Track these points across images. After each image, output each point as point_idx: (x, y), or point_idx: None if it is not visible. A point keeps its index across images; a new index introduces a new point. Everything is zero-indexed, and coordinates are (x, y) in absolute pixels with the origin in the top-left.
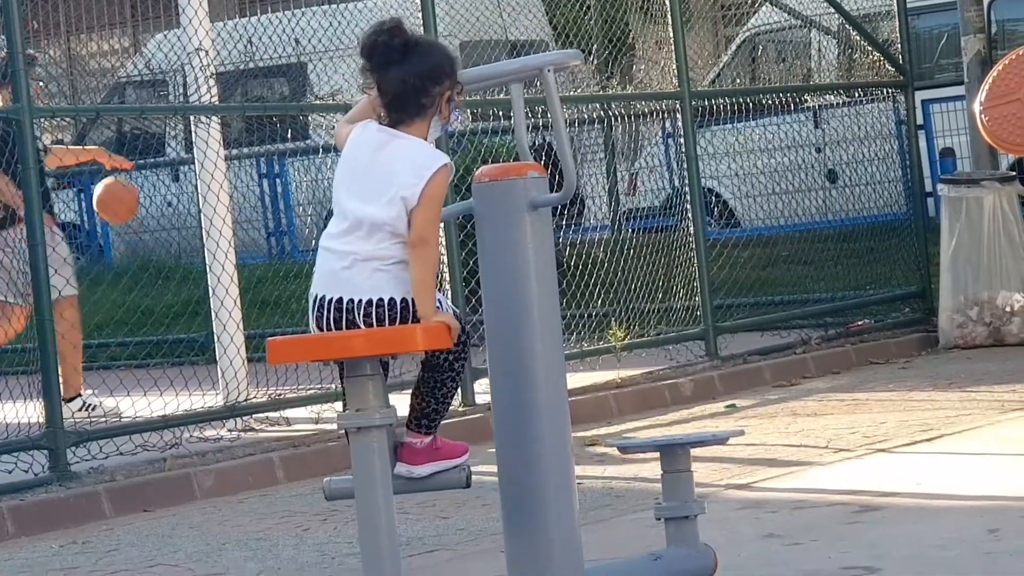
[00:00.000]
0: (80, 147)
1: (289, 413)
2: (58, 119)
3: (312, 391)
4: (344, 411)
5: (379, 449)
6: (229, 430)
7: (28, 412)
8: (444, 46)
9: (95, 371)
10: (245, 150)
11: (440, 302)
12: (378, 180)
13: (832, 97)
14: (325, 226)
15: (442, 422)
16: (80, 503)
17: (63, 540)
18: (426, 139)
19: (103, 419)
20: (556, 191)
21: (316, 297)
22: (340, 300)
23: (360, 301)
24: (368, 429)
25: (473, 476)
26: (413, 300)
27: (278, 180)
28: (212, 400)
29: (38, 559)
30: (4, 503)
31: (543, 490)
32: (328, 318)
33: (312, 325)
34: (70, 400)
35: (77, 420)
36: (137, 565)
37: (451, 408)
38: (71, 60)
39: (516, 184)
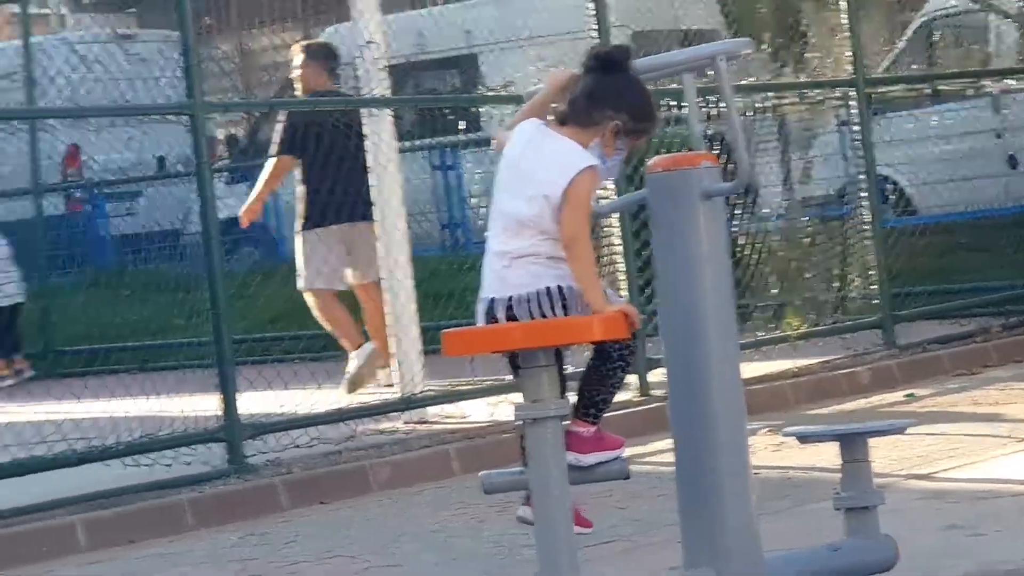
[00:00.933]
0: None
1: (464, 405)
2: (230, 114)
3: (487, 383)
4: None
5: (553, 440)
6: (404, 422)
7: (206, 405)
8: (652, 100)
9: (271, 364)
10: (418, 142)
11: (607, 294)
12: (524, 177)
13: (1012, 82)
14: None
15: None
16: (257, 495)
17: (241, 532)
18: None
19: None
20: (729, 180)
21: (484, 300)
22: (507, 299)
23: (522, 297)
24: (543, 420)
25: (649, 467)
26: (570, 288)
27: (451, 172)
28: (387, 393)
29: (217, 550)
30: (184, 495)
31: (719, 480)
32: (496, 318)
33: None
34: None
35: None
36: (314, 557)
37: (627, 398)
38: (242, 55)
39: (689, 174)
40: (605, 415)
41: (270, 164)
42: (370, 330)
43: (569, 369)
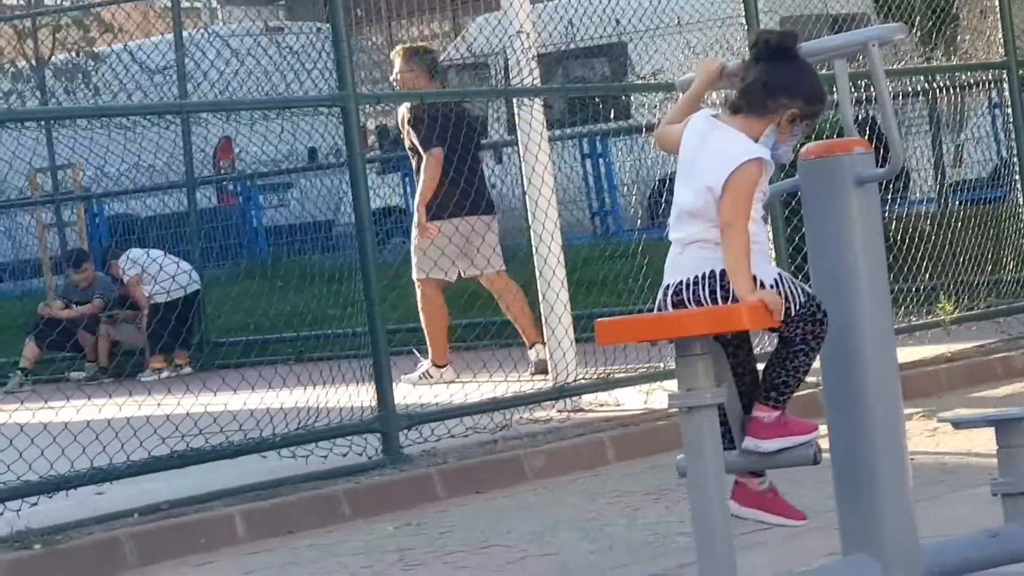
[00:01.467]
0: None
1: (617, 393)
2: (382, 105)
3: (640, 370)
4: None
5: (710, 428)
6: (558, 411)
7: (361, 396)
8: (822, 84)
9: (425, 353)
10: (568, 131)
11: (780, 281)
12: (693, 169)
13: None
14: (648, 205)
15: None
16: (413, 485)
17: (397, 522)
18: (755, 139)
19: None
20: (881, 166)
21: (662, 288)
22: (677, 283)
23: (688, 281)
24: (699, 409)
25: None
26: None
27: (601, 160)
28: (541, 382)
29: (374, 541)
30: (340, 486)
31: (875, 466)
32: (667, 303)
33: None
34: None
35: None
36: (471, 546)
37: None
38: (392, 46)
39: (842, 160)
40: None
41: (432, 160)
42: (512, 315)
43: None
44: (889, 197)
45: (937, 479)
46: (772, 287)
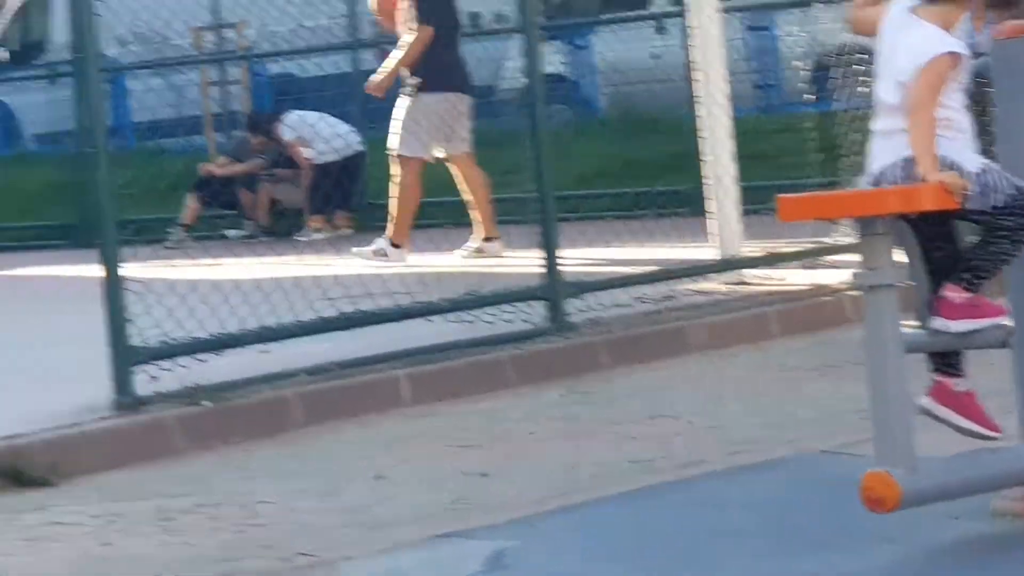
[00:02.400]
0: None
1: (783, 268)
2: None
3: (806, 245)
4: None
5: (889, 309)
6: (723, 283)
7: (526, 262)
8: None
9: (582, 221)
10: (738, 3)
11: (986, 171)
12: (887, 64)
13: None
14: (814, 79)
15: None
16: (578, 353)
17: (562, 390)
18: (950, 29)
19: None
20: None
21: (864, 178)
22: (876, 172)
23: (885, 167)
24: (879, 288)
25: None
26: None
27: (765, 32)
28: (704, 253)
29: (540, 407)
30: (506, 352)
31: None
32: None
33: None
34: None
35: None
36: (636, 417)
37: None
38: None
39: None
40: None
41: (416, 36)
42: (476, 202)
43: None
44: None
45: None
46: (977, 175)
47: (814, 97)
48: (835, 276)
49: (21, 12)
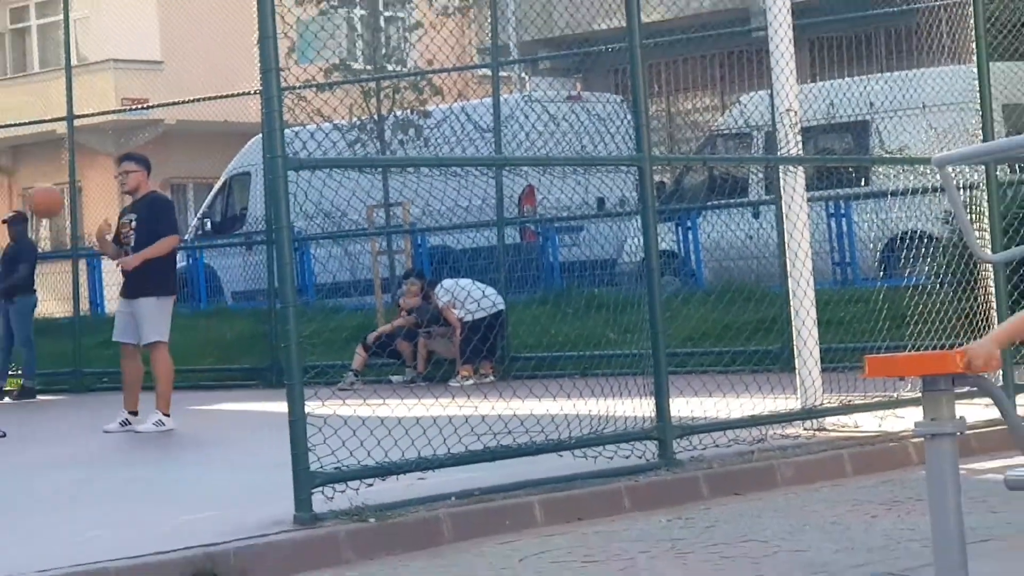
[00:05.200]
0: None
1: (857, 416)
2: (671, 164)
3: (877, 398)
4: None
5: (950, 454)
6: (805, 429)
7: (637, 407)
8: None
9: (689, 374)
10: (818, 193)
11: None
12: None
13: None
14: (882, 259)
15: None
16: (683, 485)
17: (669, 516)
18: None
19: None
20: None
21: None
22: None
23: None
24: (940, 436)
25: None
26: None
27: (843, 219)
28: (790, 403)
29: (649, 531)
30: (622, 483)
31: None
32: None
33: None
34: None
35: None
36: (732, 539)
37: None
38: (670, 115)
39: None
40: None
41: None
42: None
43: None
44: None
45: None
46: None
47: (882, 274)
48: (901, 424)
49: (223, 190)
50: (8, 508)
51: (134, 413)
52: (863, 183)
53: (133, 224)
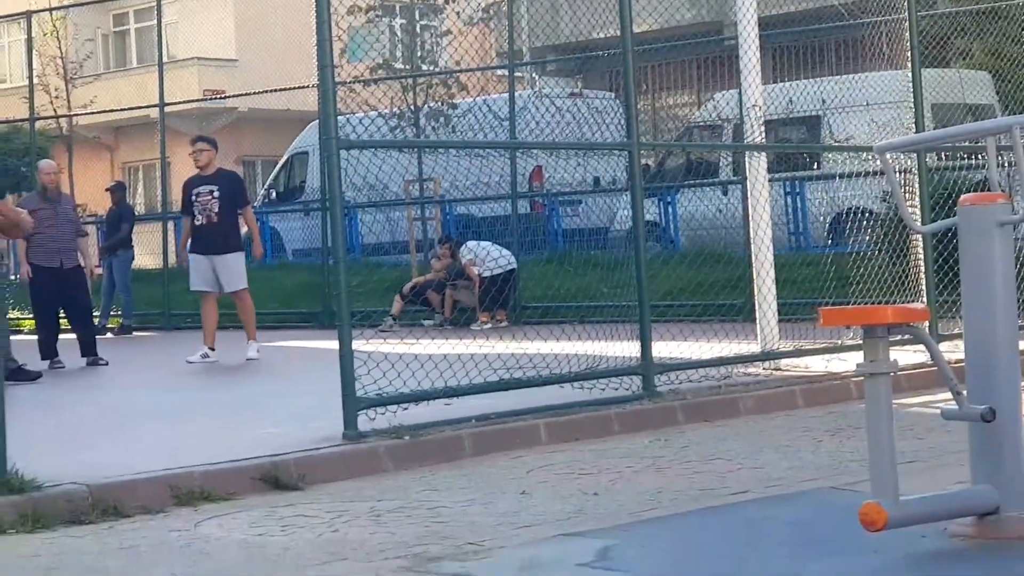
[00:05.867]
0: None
1: (806, 359)
2: (655, 150)
3: (824, 344)
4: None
5: (885, 390)
6: (764, 368)
7: (626, 349)
8: None
9: (667, 323)
10: (777, 175)
11: None
12: None
13: None
14: (828, 232)
15: None
16: (662, 413)
17: (651, 437)
18: None
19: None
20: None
21: None
22: None
23: None
24: (877, 376)
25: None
26: None
27: (798, 196)
28: (751, 347)
29: (634, 449)
30: (612, 410)
31: (1002, 420)
32: None
33: None
34: None
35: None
36: (703, 457)
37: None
38: (655, 109)
39: (989, 208)
40: None
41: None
42: None
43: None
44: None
45: None
46: None
47: (830, 242)
48: (844, 366)
49: (285, 166)
50: (114, 422)
51: (212, 348)
52: (815, 167)
53: (215, 194)
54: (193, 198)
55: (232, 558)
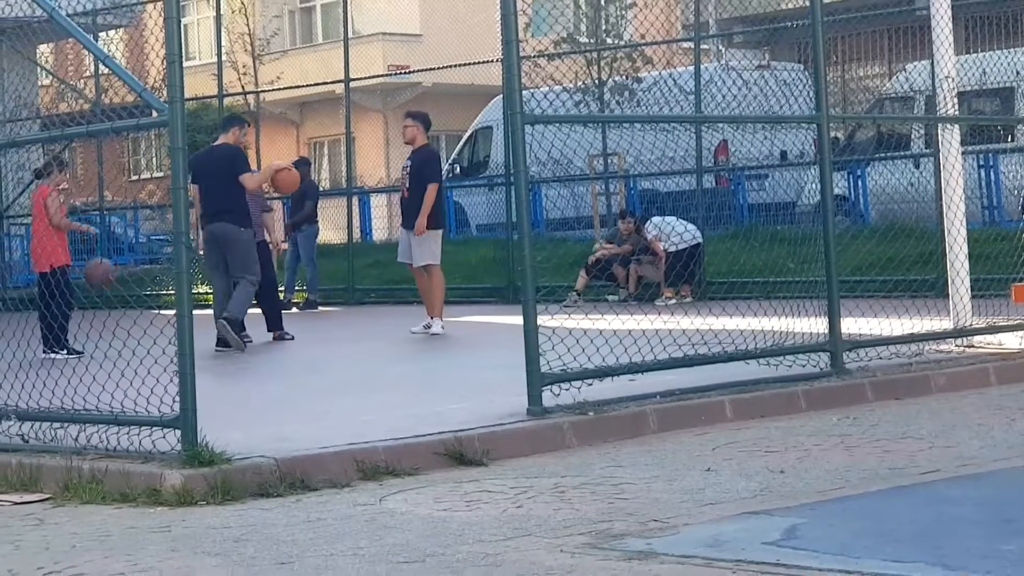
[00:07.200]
0: None
1: (1001, 336)
2: (844, 123)
3: (1018, 320)
4: None
5: None
6: (956, 346)
7: (813, 325)
8: None
9: (857, 298)
10: (970, 147)
11: None
12: None
13: None
14: (1022, 205)
15: None
16: (850, 391)
17: (838, 415)
18: None
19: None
20: None
21: None
22: None
23: None
24: None
25: None
26: None
27: (992, 169)
28: (943, 324)
29: (822, 427)
30: (799, 387)
31: None
32: None
33: None
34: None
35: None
36: (892, 436)
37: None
38: (844, 81)
39: None
40: None
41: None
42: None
43: None
44: None
45: None
46: None
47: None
48: None
49: (469, 140)
50: (300, 396)
51: (433, 318)
52: (1009, 139)
53: (407, 170)
54: (401, 173)
55: (416, 532)
